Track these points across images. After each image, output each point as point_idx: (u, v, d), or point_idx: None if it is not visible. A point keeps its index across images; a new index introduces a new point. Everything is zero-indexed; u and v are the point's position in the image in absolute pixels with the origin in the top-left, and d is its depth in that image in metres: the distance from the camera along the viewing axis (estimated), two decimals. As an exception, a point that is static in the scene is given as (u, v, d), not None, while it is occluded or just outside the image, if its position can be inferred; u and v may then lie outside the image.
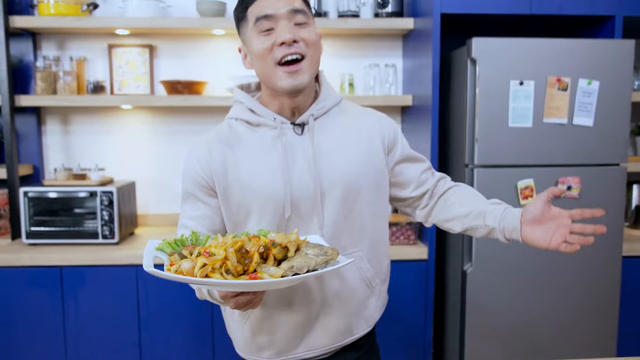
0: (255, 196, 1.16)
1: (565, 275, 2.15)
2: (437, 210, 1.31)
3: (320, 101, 1.21)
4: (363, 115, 1.27)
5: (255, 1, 1.14)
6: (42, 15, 2.45)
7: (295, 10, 1.12)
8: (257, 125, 1.19)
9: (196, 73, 2.68)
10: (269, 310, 1.21)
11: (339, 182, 1.17)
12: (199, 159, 1.18)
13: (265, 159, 1.16)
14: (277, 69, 1.12)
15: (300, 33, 1.12)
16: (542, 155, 2.09)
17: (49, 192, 2.34)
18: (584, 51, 2.07)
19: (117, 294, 2.23)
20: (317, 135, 1.19)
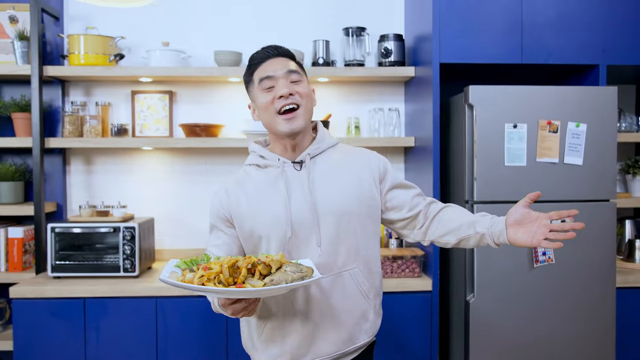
0: (263, 222, 1.41)
1: (564, 304, 2.27)
2: (433, 228, 1.50)
3: (316, 143, 1.47)
4: (355, 153, 1.53)
5: (259, 67, 1.43)
6: (73, 65, 2.67)
7: (290, 70, 1.42)
8: (266, 167, 1.47)
9: (212, 117, 2.87)
10: (280, 321, 1.43)
11: (331, 208, 1.41)
12: (220, 199, 1.48)
13: (270, 192, 1.43)
14: (278, 117, 1.40)
15: (295, 88, 1.41)
16: (537, 191, 2.24)
17: (74, 228, 2.48)
18: (571, 97, 2.27)
19: (137, 324, 2.35)
20: (312, 170, 1.44)
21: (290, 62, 1.44)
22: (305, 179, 1.42)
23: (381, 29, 2.87)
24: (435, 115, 2.39)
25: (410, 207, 1.51)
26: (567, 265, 2.27)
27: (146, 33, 2.86)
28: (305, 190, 1.41)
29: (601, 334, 2.29)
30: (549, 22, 2.41)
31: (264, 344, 1.46)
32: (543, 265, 2.26)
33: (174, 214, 2.90)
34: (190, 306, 2.36)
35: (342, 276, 1.43)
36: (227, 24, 2.89)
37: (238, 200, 1.44)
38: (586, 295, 2.29)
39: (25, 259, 2.68)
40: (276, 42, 2.81)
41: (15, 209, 2.63)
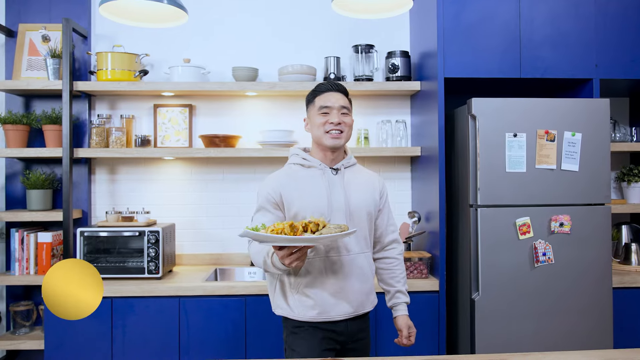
0: (308, 207, 1.81)
1: (563, 301, 2.41)
2: (380, 265, 2.00)
3: (348, 159, 1.96)
4: (368, 172, 2.02)
5: (321, 95, 1.91)
6: (101, 80, 2.86)
7: (343, 106, 1.89)
8: (309, 167, 1.90)
9: (230, 128, 3.05)
10: (313, 280, 1.82)
11: (358, 205, 1.87)
12: (272, 186, 1.87)
13: (315, 185, 1.85)
14: (326, 134, 1.87)
15: (343, 119, 1.88)
16: (536, 196, 2.41)
17: (102, 232, 2.64)
18: (567, 108, 2.44)
19: (161, 322, 2.49)
20: (346, 176, 1.91)
21: (344, 98, 1.91)
22: (341, 181, 1.87)
23: (388, 46, 3.06)
24: (440, 126, 2.56)
25: (382, 232, 1.98)
26: (566, 265, 2.41)
27: (168, 50, 3.05)
28: (341, 189, 1.86)
29: (599, 329, 2.43)
30: (545, 39, 2.60)
31: (298, 300, 1.82)
32: (543, 265, 2.40)
33: (193, 221, 3.06)
34: (212, 306, 2.50)
35: (360, 256, 1.87)
36: (245, 41, 3.09)
37: (289, 187, 1.84)
38: (584, 293, 2.43)
39: (53, 262, 2.83)
40: (290, 58, 3.08)
41: (44, 215, 2.79)
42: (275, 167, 3.08)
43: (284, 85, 2.86)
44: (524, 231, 2.39)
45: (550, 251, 2.40)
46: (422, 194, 2.89)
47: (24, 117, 2.85)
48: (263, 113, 3.08)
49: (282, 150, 2.85)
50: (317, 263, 1.82)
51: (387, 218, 2.00)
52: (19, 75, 2.94)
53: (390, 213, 2.02)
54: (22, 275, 2.78)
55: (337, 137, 1.86)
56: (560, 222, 2.41)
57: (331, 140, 1.85)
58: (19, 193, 2.98)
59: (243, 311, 2.51)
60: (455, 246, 2.68)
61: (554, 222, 2.41)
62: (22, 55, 2.97)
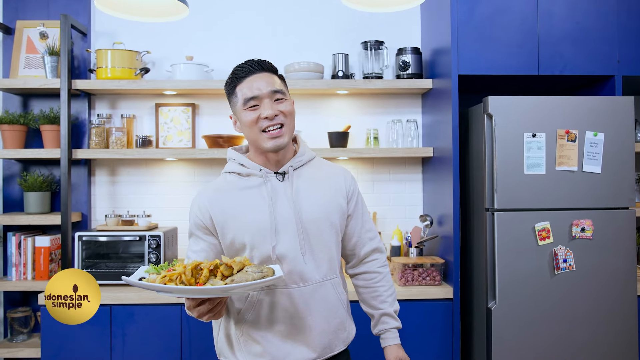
0: (247, 229, 1.43)
1: (586, 311, 2.29)
2: (359, 282, 1.65)
3: (298, 156, 1.54)
4: (331, 168, 1.61)
5: (242, 81, 1.46)
6: (100, 79, 2.76)
7: (275, 90, 1.45)
8: (247, 176, 1.50)
9: (233, 129, 2.94)
10: (259, 320, 1.45)
11: (314, 217, 1.47)
12: (199, 207, 1.49)
13: (254, 200, 1.46)
14: (263, 134, 1.44)
15: (278, 107, 1.45)
16: (556, 199, 2.28)
17: (100, 236, 2.54)
18: (589, 106, 2.31)
19: (162, 331, 2.38)
20: (295, 181, 1.50)
21: (274, 78, 1.47)
22: (289, 189, 1.47)
23: (399, 43, 2.94)
24: (454, 125, 2.44)
25: (356, 242, 1.62)
26: (587, 273, 2.29)
27: (170, 48, 2.95)
28: (289, 200, 1.46)
29: (624, 341, 2.30)
30: (565, 33, 2.47)
31: (244, 347, 1.47)
32: (564, 272, 2.28)
33: (196, 224, 2.95)
34: (214, 313, 2.39)
35: (324, 285, 1.49)
36: (249, 38, 2.98)
37: (220, 208, 1.46)
38: (607, 302, 2.30)
39: (51, 267, 2.73)
40: (297, 55, 2.95)
41: (42, 219, 2.70)
42: (281, 169, 2.97)
43: (290, 83, 2.74)
44: (544, 236, 2.27)
45: (571, 258, 2.28)
46: (434, 197, 2.77)
47: (21, 116, 2.76)
48: (268, 112, 2.96)
49: (288, 151, 2.73)
50: (264, 298, 1.44)
51: (362, 223, 1.60)
52: (16, 73, 2.84)
53: (365, 216, 1.61)
54: (19, 281, 2.69)
55: (278, 136, 1.43)
56: (582, 227, 2.28)
57: (271, 142, 1.43)
58: (17, 195, 2.88)
59: (247, 319, 2.40)
60: (470, 252, 2.56)
61: (575, 227, 2.28)
62: (20, 53, 2.87)
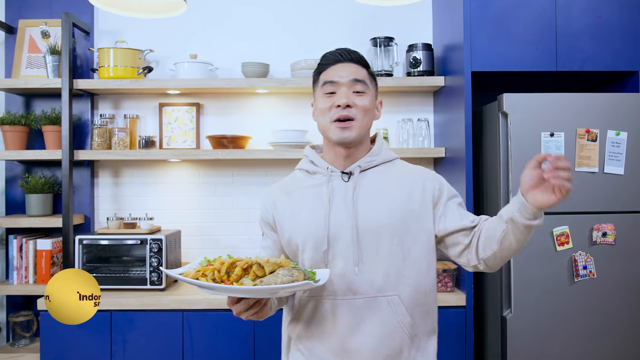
0: (300, 231, 1.36)
1: (606, 320, 2.16)
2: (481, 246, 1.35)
3: (369, 156, 1.40)
4: (411, 172, 1.43)
5: (327, 69, 1.39)
6: (102, 78, 2.69)
7: (356, 80, 1.35)
8: (314, 173, 1.42)
9: (239, 128, 2.86)
10: (309, 329, 1.36)
11: (373, 224, 1.31)
12: (263, 202, 1.47)
13: (313, 200, 1.37)
14: (332, 124, 1.35)
15: (355, 99, 1.34)
16: (576, 202, 2.16)
17: (102, 240, 2.48)
18: (610, 104, 2.19)
19: (163, 337, 2.31)
20: (360, 183, 1.36)
21: (360, 69, 1.37)
22: (350, 191, 1.34)
23: (409, 39, 2.84)
24: (467, 124, 2.33)
25: (463, 216, 1.38)
26: (609, 280, 2.16)
27: (174, 46, 2.88)
28: (348, 203, 1.33)
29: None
30: (584, 27, 2.34)
31: (291, 356, 1.42)
32: (584, 279, 2.15)
33: (201, 227, 2.88)
34: (217, 320, 2.31)
35: (377, 301, 1.31)
36: (254, 35, 2.89)
37: (282, 206, 1.41)
38: (630, 312, 2.17)
39: (53, 271, 2.68)
40: (304, 53, 2.86)
41: (44, 221, 2.64)
42: (288, 170, 2.88)
43: (296, 82, 2.66)
44: (562, 242, 2.15)
45: (591, 264, 2.15)
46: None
47: (22, 117, 2.71)
48: (274, 112, 2.88)
49: (295, 151, 2.64)
50: (309, 305, 1.34)
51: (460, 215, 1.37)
52: (18, 73, 2.79)
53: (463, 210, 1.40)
54: (21, 285, 2.63)
55: (345, 128, 1.32)
56: (603, 232, 2.16)
57: (338, 133, 1.33)
58: (20, 197, 2.83)
59: (251, 326, 2.31)
60: (484, 256, 2.44)
61: (596, 231, 2.16)
62: (22, 52, 2.82)
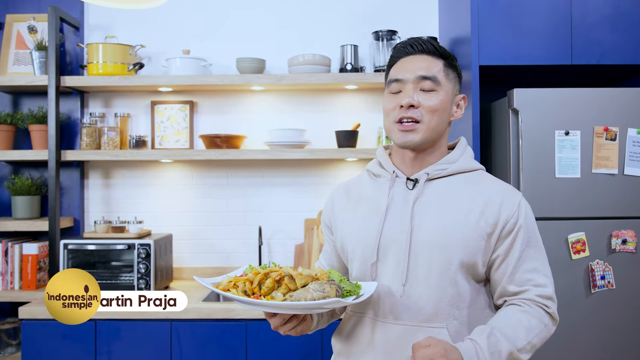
0: (352, 237, 1.25)
1: (626, 334, 1.99)
2: None
3: (441, 163, 1.22)
4: (491, 187, 1.21)
5: (396, 62, 1.25)
6: (91, 75, 2.57)
7: (423, 77, 1.19)
8: (378, 176, 1.29)
9: (235, 127, 2.72)
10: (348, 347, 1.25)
11: (433, 241, 1.14)
12: (326, 204, 1.37)
13: (370, 206, 1.25)
14: (395, 125, 1.20)
15: (422, 99, 1.18)
16: (593, 207, 1.99)
17: (88, 245, 2.35)
18: (630, 100, 2.02)
19: (150, 348, 2.18)
20: (425, 193, 1.20)
21: (433, 62, 1.20)
22: (411, 200, 1.19)
23: (414, 32, 2.67)
24: (474, 122, 2.17)
25: (499, 295, 1.19)
26: (629, 291, 1.99)
27: (166, 41, 2.75)
28: (406, 214, 1.18)
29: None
30: (602, 18, 2.17)
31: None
32: (602, 290, 1.98)
33: (194, 230, 2.74)
34: (207, 331, 2.18)
35: (420, 332, 1.13)
36: (250, 30, 2.76)
37: (340, 207, 1.32)
38: (653, 326, 2.00)
39: (39, 276, 2.56)
40: (302, 47, 2.71)
41: (30, 224, 2.53)
42: (284, 171, 2.75)
43: (293, 78, 2.51)
44: (578, 249, 1.98)
45: (610, 274, 1.98)
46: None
47: (8, 116, 2.59)
48: (271, 110, 2.74)
49: (292, 151, 2.50)
50: (350, 321, 1.25)
51: (513, 268, 1.15)
52: (5, 70, 2.68)
53: (524, 260, 1.16)
54: (6, 291, 2.52)
55: (408, 130, 1.17)
56: (623, 239, 1.98)
57: (400, 136, 1.18)
58: (6, 199, 2.72)
59: (244, 338, 2.17)
60: (492, 264, 2.28)
61: (615, 238, 1.98)
62: (9, 48, 2.71)
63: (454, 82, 1.23)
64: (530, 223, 1.19)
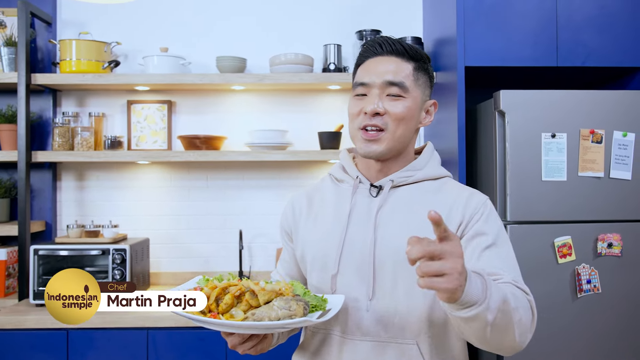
0: (312, 246, 1.18)
1: (612, 339, 1.97)
2: None
3: (407, 170, 1.16)
4: (454, 192, 1.15)
5: (363, 63, 1.17)
6: (64, 73, 2.46)
7: (391, 82, 1.11)
8: (341, 182, 1.22)
9: (214, 128, 2.64)
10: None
11: (395, 252, 1.07)
12: (285, 210, 1.29)
13: (332, 214, 1.18)
14: (359, 132, 1.13)
15: (389, 106, 1.11)
16: (579, 210, 1.97)
17: (60, 251, 2.25)
18: (617, 102, 2.00)
19: (126, 357, 2.09)
20: (389, 201, 1.14)
21: (402, 65, 1.12)
22: (374, 208, 1.12)
23: (398, 32, 2.63)
24: (460, 124, 2.13)
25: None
26: (616, 295, 1.97)
27: (143, 39, 2.65)
28: (370, 222, 1.12)
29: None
30: (588, 20, 2.15)
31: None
32: (588, 294, 1.96)
33: (172, 234, 2.65)
34: (185, 339, 2.10)
35: (389, 349, 1.07)
36: (230, 28, 2.68)
37: (301, 214, 1.24)
38: (638, 329, 1.98)
39: (8, 283, 2.45)
40: (284, 47, 2.64)
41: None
42: (266, 173, 2.67)
43: (275, 77, 2.45)
44: (564, 253, 1.95)
45: (596, 278, 1.96)
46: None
47: (-25, 115, 2.47)
48: (252, 110, 2.66)
49: (274, 153, 2.43)
50: (314, 339, 1.17)
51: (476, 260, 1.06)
52: (-28, 67, 2.55)
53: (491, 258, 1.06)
54: (-27, 299, 2.40)
55: (371, 140, 1.10)
56: (609, 243, 1.97)
57: (363, 146, 1.11)
58: (-26, 202, 2.59)
59: (223, 347, 2.10)
60: (478, 268, 2.25)
61: (601, 242, 1.97)
62: (-23, 44, 2.58)
63: (424, 87, 1.16)
64: (496, 224, 1.11)
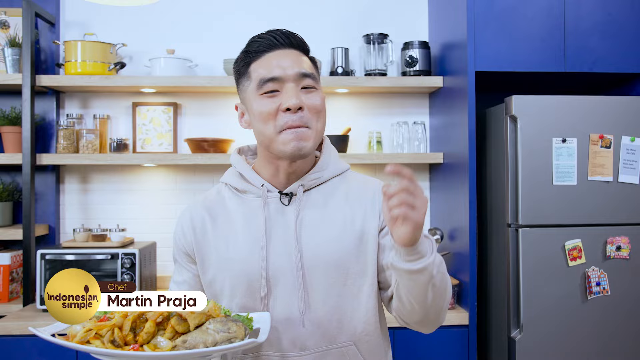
0: (229, 270, 1.06)
1: (622, 341, 2.01)
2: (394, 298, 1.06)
3: (315, 171, 1.09)
4: (361, 185, 1.12)
5: (259, 58, 1.05)
6: (69, 74, 2.43)
7: (304, 73, 1.04)
8: (244, 192, 1.10)
9: (221, 131, 2.63)
10: None
11: (323, 259, 1.04)
12: (182, 226, 1.13)
13: (245, 230, 1.07)
14: (280, 135, 1.02)
15: (306, 99, 1.03)
16: (589, 214, 2.01)
17: (67, 255, 2.22)
18: (625, 108, 2.04)
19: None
20: (305, 207, 1.07)
21: (303, 58, 1.06)
22: (292, 218, 1.05)
23: (405, 36, 2.65)
24: (470, 128, 2.15)
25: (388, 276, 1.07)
26: (625, 298, 2.01)
27: (149, 40, 2.63)
28: (290, 234, 1.05)
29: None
30: (595, 26, 2.19)
31: None
32: (597, 297, 2.00)
33: (178, 238, 2.63)
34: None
35: (330, 356, 1.04)
36: (237, 30, 2.66)
37: (205, 234, 1.09)
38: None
39: (12, 288, 2.41)
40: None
41: (2, 232, 2.37)
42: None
43: (283, 81, 2.44)
44: (575, 256, 1.99)
45: (605, 280, 2.00)
46: (444, 208, 2.47)
47: (-22, 117, 2.43)
48: (259, 113, 2.65)
49: (282, 156, 2.43)
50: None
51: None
52: (-26, 68, 2.51)
53: None
54: (-24, 304, 2.36)
55: (302, 138, 1.02)
56: (618, 246, 2.00)
57: (293, 145, 1.01)
58: (-25, 206, 2.54)
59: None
60: (486, 272, 2.27)
61: (610, 245, 2.00)
62: (-22, 45, 2.54)
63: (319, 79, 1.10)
64: None
